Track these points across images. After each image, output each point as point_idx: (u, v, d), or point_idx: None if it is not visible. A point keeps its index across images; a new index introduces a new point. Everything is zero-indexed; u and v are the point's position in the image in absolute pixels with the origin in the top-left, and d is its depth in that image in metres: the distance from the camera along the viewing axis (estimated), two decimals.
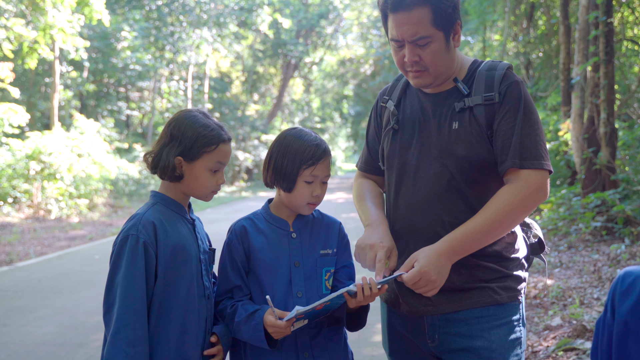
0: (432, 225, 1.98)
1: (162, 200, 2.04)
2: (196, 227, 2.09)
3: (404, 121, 2.11)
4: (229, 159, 2.08)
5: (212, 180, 2.04)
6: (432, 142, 2.01)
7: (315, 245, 2.09)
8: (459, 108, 1.99)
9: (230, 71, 35.38)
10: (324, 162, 2.04)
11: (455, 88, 2.03)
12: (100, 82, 24.36)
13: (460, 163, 1.95)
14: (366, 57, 33.11)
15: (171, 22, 24.73)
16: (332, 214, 2.22)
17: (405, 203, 2.04)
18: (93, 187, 16.27)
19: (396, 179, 2.09)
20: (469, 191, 1.97)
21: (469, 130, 1.96)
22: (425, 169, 2.01)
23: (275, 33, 32.51)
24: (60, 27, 12.85)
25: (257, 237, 2.07)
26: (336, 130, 53.77)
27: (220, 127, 2.05)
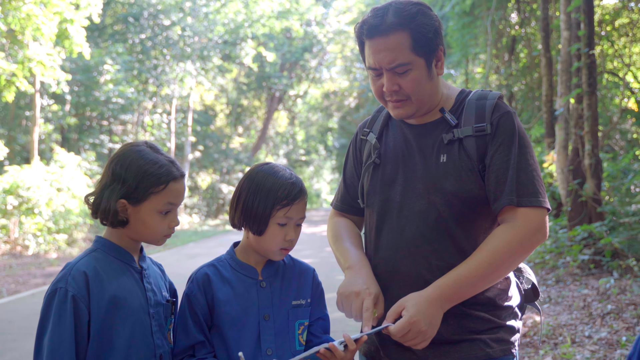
0: (417, 268, 1.80)
1: (103, 247, 1.80)
2: (145, 276, 1.82)
3: (386, 155, 1.94)
4: (183, 197, 1.87)
5: (163, 223, 1.80)
6: (418, 177, 1.84)
7: (287, 295, 1.87)
8: (448, 140, 1.83)
9: (215, 104, 35.34)
10: (300, 203, 1.85)
11: (442, 119, 1.88)
12: (83, 115, 24.13)
13: (449, 199, 1.78)
14: (350, 90, 33.30)
15: (155, 55, 24.71)
16: (316, 248, 2.06)
17: (387, 244, 1.86)
18: (73, 221, 15.94)
19: (377, 218, 1.90)
20: (458, 231, 1.79)
21: (459, 163, 1.80)
22: (410, 206, 1.83)
23: (260, 66, 32.59)
24: (39, 60, 12.68)
25: (222, 287, 1.83)
26: (321, 162, 53.77)
27: (172, 162, 1.83)
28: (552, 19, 12.05)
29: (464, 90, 1.94)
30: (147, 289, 1.81)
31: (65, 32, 13.13)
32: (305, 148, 46.51)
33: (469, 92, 1.93)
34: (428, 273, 1.77)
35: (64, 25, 12.99)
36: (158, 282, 1.88)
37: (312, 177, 55.52)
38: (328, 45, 34.84)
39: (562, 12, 9.49)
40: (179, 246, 16.60)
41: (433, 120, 1.89)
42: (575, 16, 8.86)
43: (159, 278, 1.90)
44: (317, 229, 23.15)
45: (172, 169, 1.81)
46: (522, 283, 1.96)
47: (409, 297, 1.70)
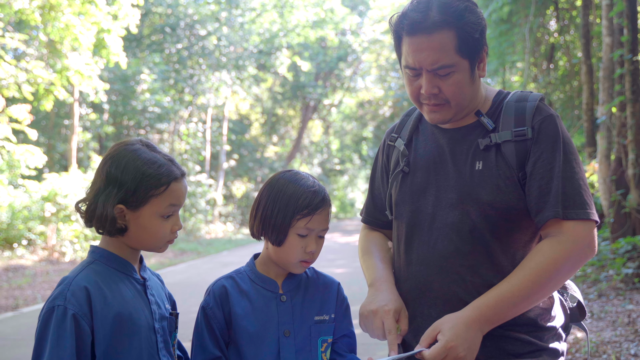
0: (450, 285, 1.66)
1: (101, 257, 1.63)
2: (148, 288, 1.68)
3: (416, 162, 1.80)
4: (184, 198, 1.70)
5: (165, 228, 1.64)
6: (451, 185, 1.70)
7: (309, 310, 1.76)
8: (484, 145, 1.68)
9: (250, 113, 35.54)
10: (322, 213, 1.72)
11: (477, 123, 1.73)
12: (120, 124, 24.51)
13: (485, 210, 1.64)
14: (385, 99, 33.10)
15: (191, 65, 24.94)
16: (350, 258, 1.95)
17: (418, 258, 1.72)
18: None
19: (407, 230, 1.77)
20: (495, 244, 1.65)
21: (496, 171, 1.65)
22: (443, 217, 1.69)
23: (294, 75, 32.68)
24: (77, 69, 12.88)
25: (240, 301, 1.73)
26: (355, 171, 53.59)
27: (171, 160, 1.67)
28: (593, 25, 11.76)
29: (501, 92, 1.79)
30: (152, 302, 1.67)
31: (102, 42, 13.31)
32: (340, 157, 46.41)
33: (507, 93, 1.78)
34: (462, 291, 1.65)
35: (101, 35, 13.18)
36: (160, 294, 1.75)
37: (346, 187, 55.37)
38: (363, 54, 34.75)
39: (603, 18, 9.22)
40: (212, 254, 16.65)
41: (468, 124, 1.75)
42: (618, 21, 8.59)
43: (160, 289, 1.77)
44: (350, 238, 23.00)
45: (172, 168, 1.65)
46: (567, 301, 1.81)
47: (445, 320, 1.57)
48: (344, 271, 12.15)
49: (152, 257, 15.75)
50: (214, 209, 25.82)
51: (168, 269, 13.65)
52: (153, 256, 15.95)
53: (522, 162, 1.65)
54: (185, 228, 22.31)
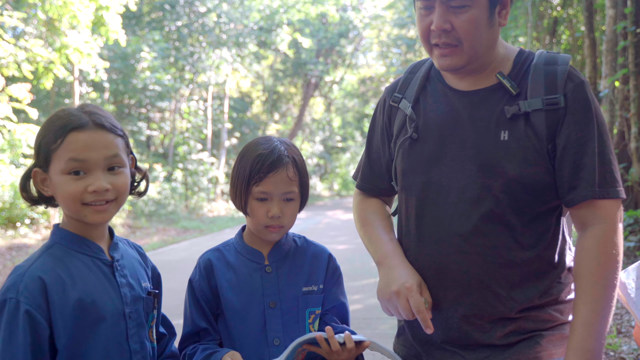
0: (469, 266, 1.53)
1: (62, 240, 1.48)
2: (118, 268, 1.52)
3: (426, 128, 1.62)
4: (102, 153, 1.44)
5: (75, 187, 1.41)
6: (469, 156, 1.54)
7: (296, 281, 1.72)
8: (512, 114, 1.51)
9: (251, 91, 35.40)
10: (277, 175, 1.64)
11: (499, 85, 1.56)
12: (121, 102, 24.42)
13: (510, 185, 1.50)
14: (387, 76, 32.88)
15: (191, 42, 24.76)
16: (352, 234, 1.90)
17: (432, 236, 1.58)
18: None
19: (417, 204, 1.62)
20: (516, 221, 1.52)
21: (524, 142, 1.50)
22: (460, 191, 1.54)
23: (295, 52, 32.45)
24: (76, 47, 12.81)
25: (226, 273, 1.71)
26: (357, 149, 53.49)
27: (86, 112, 1.46)
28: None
29: (523, 51, 1.62)
30: (121, 285, 1.52)
31: (101, 20, 13.23)
32: (342, 134, 46.31)
33: (529, 53, 1.61)
34: (483, 272, 1.52)
35: (100, 12, 13.09)
36: (136, 272, 1.60)
37: (348, 164, 55.35)
38: (364, 30, 34.48)
39: None
40: (215, 232, 16.70)
41: (488, 86, 1.57)
42: None
43: (137, 266, 1.62)
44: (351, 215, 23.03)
45: (77, 117, 1.43)
46: None
47: None
48: (347, 247, 12.19)
49: (154, 235, 15.82)
50: (216, 187, 25.83)
51: (171, 246, 13.70)
52: (156, 234, 16.01)
53: (553, 133, 1.50)
54: (188, 206, 22.34)
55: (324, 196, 42.69)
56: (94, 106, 1.51)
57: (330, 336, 1.52)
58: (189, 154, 23.27)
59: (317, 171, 43.66)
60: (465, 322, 1.55)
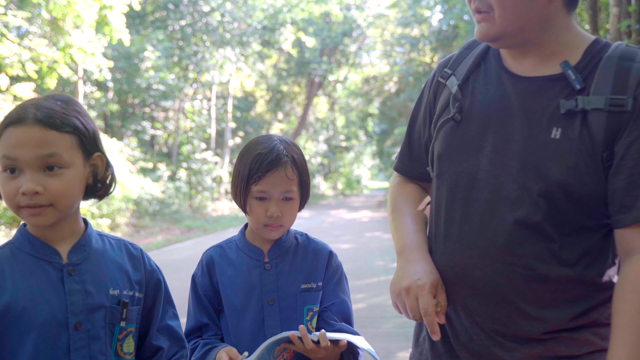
0: (494, 275, 1.34)
1: (17, 240, 1.41)
2: (75, 274, 1.39)
3: (471, 110, 1.43)
4: (35, 152, 1.30)
5: (9, 187, 1.32)
6: (513, 150, 1.34)
7: (295, 278, 1.71)
8: (567, 109, 1.30)
9: (254, 90, 35.42)
10: (275, 174, 1.64)
11: (561, 76, 1.34)
12: (125, 102, 24.47)
13: (553, 191, 1.29)
14: (390, 75, 32.88)
15: (194, 41, 24.80)
16: (355, 233, 1.87)
17: (458, 234, 1.40)
18: (115, 206, 16.16)
19: (448, 194, 1.43)
20: (555, 234, 1.30)
21: (578, 145, 1.28)
22: (496, 188, 1.34)
23: (299, 52, 32.47)
24: (80, 46, 12.86)
25: (226, 270, 1.72)
26: (361, 148, 53.50)
27: (35, 105, 1.34)
28: None
29: (599, 41, 1.37)
30: (71, 291, 1.37)
31: (105, 19, 13.27)
32: (346, 134, 46.29)
33: (606, 44, 1.36)
34: (509, 285, 1.32)
35: (103, 11, 13.13)
36: (105, 278, 1.44)
37: (352, 163, 55.33)
38: (368, 29, 34.46)
39: None
40: (219, 231, 16.73)
41: (549, 74, 1.36)
42: None
43: (112, 271, 1.46)
44: (357, 214, 23.06)
45: (17, 111, 1.33)
46: None
47: None
48: (350, 247, 12.20)
49: (158, 234, 15.86)
50: (220, 186, 25.85)
51: (175, 245, 13.73)
52: (160, 233, 16.05)
53: (612, 138, 1.27)
54: (192, 205, 22.38)
55: (327, 195, 42.70)
56: (58, 98, 1.39)
57: (303, 335, 1.50)
58: (192, 153, 23.31)
59: (321, 170, 43.67)
60: (485, 336, 1.37)
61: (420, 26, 25.23)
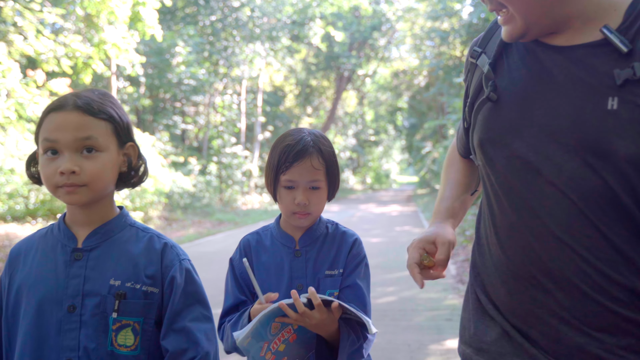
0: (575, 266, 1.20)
1: (56, 223, 1.56)
2: (83, 259, 1.47)
3: (508, 88, 1.31)
4: (72, 134, 1.41)
5: (49, 168, 1.42)
6: (563, 127, 1.21)
7: (321, 265, 1.79)
8: (623, 79, 1.16)
9: (284, 85, 35.55)
10: (301, 165, 1.72)
11: (604, 42, 1.21)
12: (156, 97, 24.79)
13: (621, 167, 1.16)
14: (420, 69, 32.69)
15: (225, 37, 24.99)
16: (385, 227, 1.91)
17: (520, 223, 1.28)
18: (148, 200, 16.43)
19: (502, 182, 1.31)
20: (636, 212, 1.17)
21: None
22: (555, 169, 1.22)
23: (328, 46, 32.48)
24: (114, 42, 13.08)
25: (261, 256, 1.82)
26: (390, 142, 53.39)
27: (76, 94, 1.47)
28: None
29: None
30: (73, 275, 1.46)
31: (138, 15, 13.46)
32: (375, 128, 46.26)
33: None
34: (595, 272, 1.19)
35: (136, 8, 13.32)
36: (112, 268, 1.49)
37: (381, 158, 55.22)
38: (397, 23, 34.30)
39: None
40: (249, 224, 16.88)
41: (590, 41, 1.23)
42: None
43: (122, 262, 1.50)
44: (386, 209, 23.03)
45: (59, 99, 1.45)
46: None
47: None
48: (381, 240, 12.22)
49: (190, 227, 16.08)
50: (250, 180, 26.05)
51: (207, 238, 13.91)
52: (191, 226, 16.26)
53: None
54: (222, 199, 22.61)
55: (356, 190, 42.70)
56: (95, 90, 1.50)
57: (295, 298, 1.54)
58: (223, 147, 23.53)
59: (350, 165, 43.68)
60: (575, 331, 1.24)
61: (450, 19, 25.00)
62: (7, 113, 12.37)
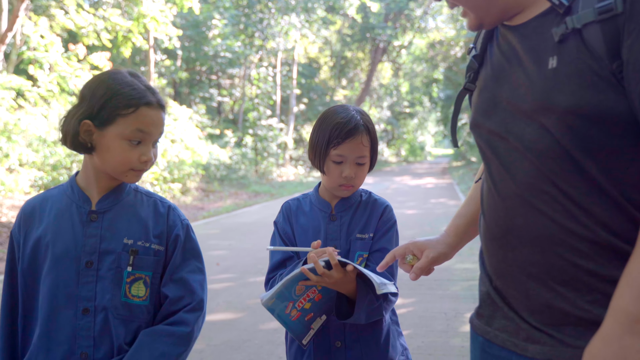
0: (537, 220, 1.27)
1: (67, 185, 1.68)
2: (98, 220, 1.63)
3: (486, 75, 1.43)
4: (157, 129, 1.61)
5: (132, 154, 1.58)
6: (521, 95, 1.30)
7: (354, 228, 1.95)
8: (559, 36, 1.23)
9: (319, 57, 35.45)
10: (352, 141, 1.86)
11: (550, 9, 1.29)
12: (193, 69, 25.02)
13: (566, 120, 1.21)
14: (456, 39, 32.20)
15: (260, 9, 24.98)
16: (420, 199, 2.03)
17: (496, 190, 1.37)
18: (186, 171, 16.73)
19: (484, 157, 1.43)
20: (588, 163, 1.21)
21: (578, 66, 1.20)
22: (518, 135, 1.30)
23: (364, 17, 32.20)
24: (152, 16, 13.23)
25: (300, 219, 1.98)
26: (425, 114, 52.89)
27: (150, 89, 1.61)
28: None
29: None
30: (89, 235, 1.62)
31: None
32: (410, 100, 45.85)
33: None
34: (553, 225, 1.24)
35: None
36: (124, 228, 1.65)
37: (416, 130, 54.82)
38: None
39: None
40: (285, 196, 17.07)
41: (538, 13, 1.31)
42: None
43: (132, 223, 1.67)
44: (421, 181, 23.00)
45: (147, 93, 1.59)
46: None
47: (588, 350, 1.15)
48: (415, 212, 12.27)
49: (227, 198, 16.33)
50: (285, 152, 26.22)
51: (243, 209, 14.14)
52: (228, 198, 16.52)
53: (615, 47, 1.18)
54: (258, 171, 22.84)
55: (391, 162, 42.61)
56: (146, 81, 1.65)
57: (314, 261, 1.68)
58: (258, 119, 23.68)
59: (384, 137, 43.51)
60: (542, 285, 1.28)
61: None
62: (50, 87, 12.68)
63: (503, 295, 1.37)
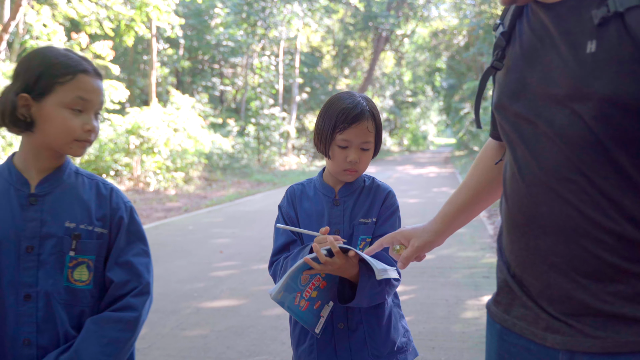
0: (563, 208, 1.22)
1: (3, 165, 1.63)
2: (38, 203, 1.59)
3: (515, 54, 1.36)
4: (98, 97, 1.58)
5: (74, 122, 1.54)
6: (554, 78, 1.23)
7: (357, 213, 1.98)
8: (600, 18, 1.15)
9: (321, 45, 35.37)
10: (358, 127, 1.89)
11: None
12: (195, 58, 24.99)
13: (602, 108, 1.15)
14: (459, 28, 32.09)
15: None
16: (422, 188, 2.05)
17: (521, 175, 1.31)
18: (188, 160, 16.78)
19: (508, 140, 1.37)
20: (622, 155, 1.16)
21: (618, 51, 1.13)
22: (548, 120, 1.24)
23: (366, 6, 32.11)
24: (155, 4, 13.21)
25: (304, 203, 2.02)
26: (428, 103, 52.82)
27: (84, 58, 1.58)
28: None
29: None
30: (29, 219, 1.58)
31: None
32: (412, 89, 45.79)
33: None
34: (578, 215, 1.20)
35: None
36: (65, 211, 1.61)
37: (418, 119, 54.74)
38: None
39: None
40: (287, 185, 17.10)
41: None
42: None
43: (74, 205, 1.63)
44: (423, 170, 23.03)
45: (83, 62, 1.57)
46: None
47: None
48: (418, 201, 12.30)
49: (230, 187, 16.38)
50: (288, 141, 26.23)
51: (246, 198, 14.19)
52: (231, 186, 16.56)
53: None
54: (260, 160, 22.88)
55: (393, 151, 42.60)
56: (80, 54, 1.63)
57: (316, 251, 1.72)
58: (260, 108, 23.68)
59: (387, 126, 43.48)
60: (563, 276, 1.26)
61: None
62: None
63: (522, 283, 1.33)
